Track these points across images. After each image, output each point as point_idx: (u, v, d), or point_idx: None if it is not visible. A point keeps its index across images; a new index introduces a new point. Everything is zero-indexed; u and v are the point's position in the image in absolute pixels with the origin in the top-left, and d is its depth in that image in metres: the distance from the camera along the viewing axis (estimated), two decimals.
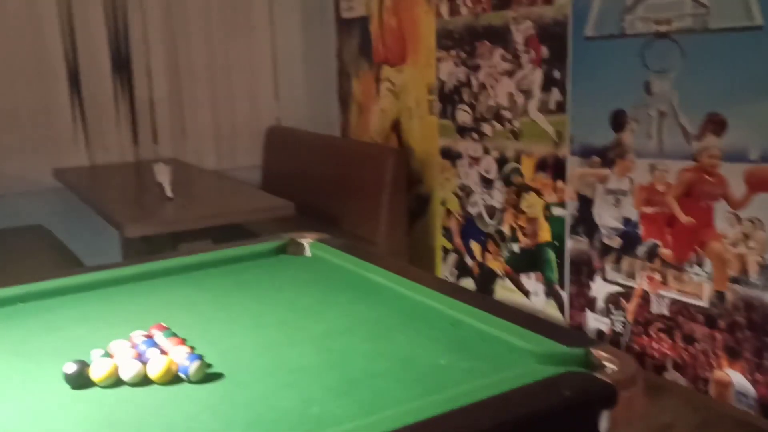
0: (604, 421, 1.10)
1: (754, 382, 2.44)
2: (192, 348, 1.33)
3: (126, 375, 1.22)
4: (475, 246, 3.65)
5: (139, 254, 3.36)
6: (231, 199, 3.29)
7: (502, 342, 1.35)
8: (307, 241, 2.02)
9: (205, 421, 1.10)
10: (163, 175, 3.09)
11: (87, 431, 1.08)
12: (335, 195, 3.80)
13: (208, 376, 1.24)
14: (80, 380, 1.21)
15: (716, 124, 2.42)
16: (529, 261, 3.34)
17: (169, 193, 3.03)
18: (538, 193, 3.22)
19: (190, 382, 1.22)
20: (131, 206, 3.11)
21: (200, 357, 1.25)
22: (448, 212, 3.80)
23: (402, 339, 1.40)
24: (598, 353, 1.21)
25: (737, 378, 2.50)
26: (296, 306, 1.60)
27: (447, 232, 3.83)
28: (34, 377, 1.26)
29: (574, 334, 1.32)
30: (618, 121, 2.78)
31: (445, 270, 3.86)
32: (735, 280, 2.45)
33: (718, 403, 2.56)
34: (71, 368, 1.22)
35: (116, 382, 1.22)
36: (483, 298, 1.60)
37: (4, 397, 1.20)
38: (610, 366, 1.17)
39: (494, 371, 1.23)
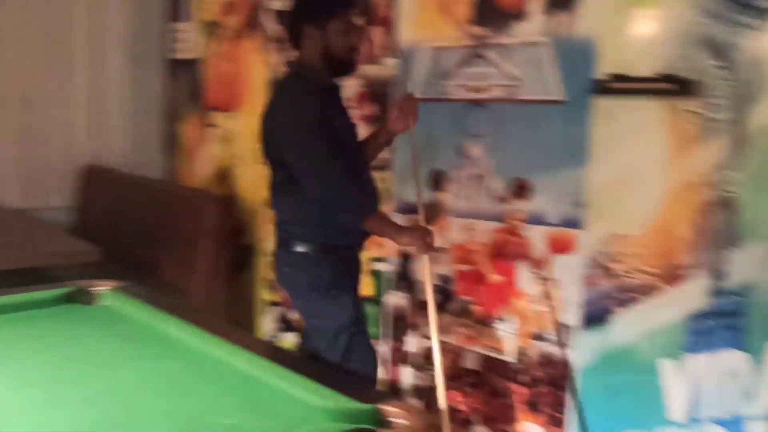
0: None
1: None
2: None
3: None
4: None
5: None
6: (30, 240, 3.00)
7: (296, 400, 1.29)
8: (100, 290, 1.85)
9: None
10: None
11: None
12: (152, 241, 3.59)
13: None
14: None
15: (522, 189, 2.57)
16: None
17: None
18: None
19: None
20: None
21: None
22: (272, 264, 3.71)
23: (190, 398, 1.30)
24: (388, 409, 1.18)
25: (536, 431, 2.60)
26: (75, 361, 1.45)
27: (271, 284, 3.74)
28: None
29: (369, 390, 1.30)
30: (437, 181, 2.87)
31: (266, 324, 3.75)
32: (536, 337, 2.58)
33: None
34: None
35: None
36: (283, 353, 1.54)
37: None
38: (400, 422, 1.15)
39: (283, 430, 1.16)
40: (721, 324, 2.11)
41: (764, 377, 2.01)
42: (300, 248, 2.27)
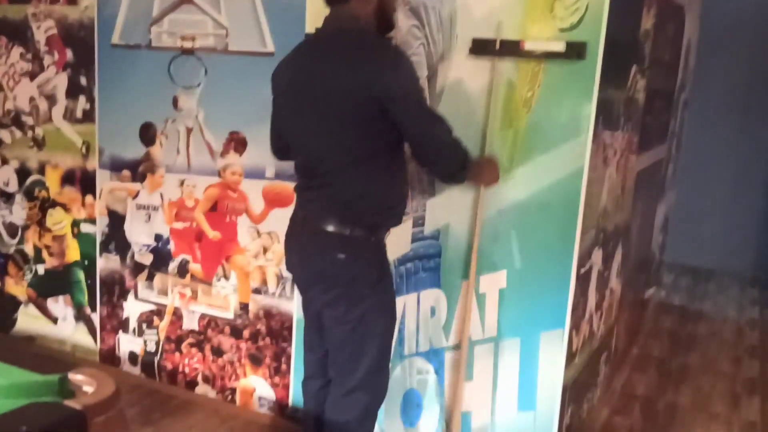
0: None
1: (273, 386, 2.61)
2: None
3: None
4: None
5: None
6: None
7: None
8: None
9: None
10: None
11: None
12: None
13: None
14: None
15: (238, 143, 2.53)
16: (56, 283, 3.03)
17: None
18: (66, 208, 2.95)
19: None
20: None
21: None
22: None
23: None
24: (75, 378, 1.08)
25: (260, 384, 2.63)
26: None
27: None
28: None
29: (55, 360, 1.18)
30: (147, 135, 2.71)
31: None
32: (257, 291, 2.58)
33: (244, 410, 2.67)
34: None
35: None
36: None
37: None
38: (87, 389, 1.06)
39: None
40: (423, 266, 2.30)
41: (456, 312, 2.25)
42: (356, 231, 1.86)
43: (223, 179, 2.57)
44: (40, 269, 3.07)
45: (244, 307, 2.62)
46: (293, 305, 2.51)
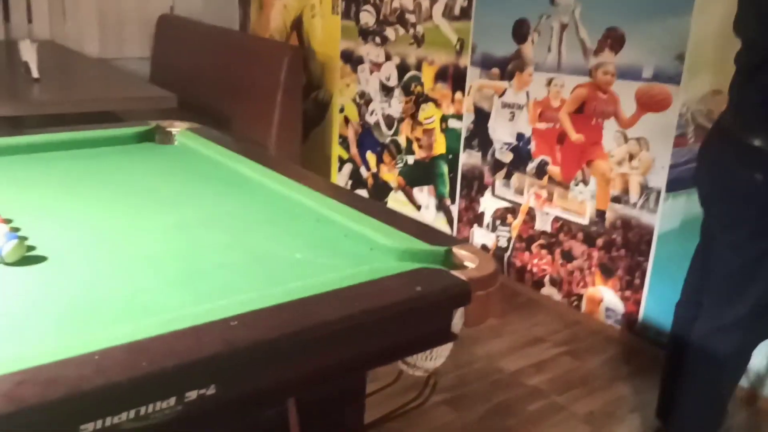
0: (457, 318, 1.05)
1: (623, 299, 2.51)
2: (12, 228, 1.17)
3: None
4: (370, 157, 3.56)
5: None
6: (108, 86, 3.02)
7: (365, 239, 1.27)
8: (176, 130, 1.85)
9: (13, 307, 0.96)
10: (28, 53, 2.78)
11: None
12: (227, 94, 3.57)
13: (27, 260, 1.10)
14: None
15: (614, 40, 2.38)
16: (422, 174, 3.29)
17: (35, 73, 2.74)
18: (436, 103, 3.14)
19: (3, 263, 1.08)
20: None
21: (19, 237, 1.10)
22: (347, 120, 3.67)
23: (260, 233, 1.30)
24: (459, 252, 1.14)
25: (609, 295, 2.56)
26: (151, 195, 1.46)
27: (344, 141, 3.72)
28: None
29: (438, 233, 1.26)
30: (520, 32, 2.69)
31: (339, 180, 3.76)
32: (616, 200, 2.47)
33: (589, 318, 2.64)
34: None
35: None
36: (353, 196, 1.51)
37: None
38: (468, 265, 1.11)
39: (350, 267, 1.14)
40: None
41: None
42: None
43: (594, 79, 2.46)
44: (410, 159, 3.35)
45: (601, 214, 2.54)
46: (656, 219, 2.35)
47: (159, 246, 1.20)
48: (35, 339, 0.88)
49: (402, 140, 3.36)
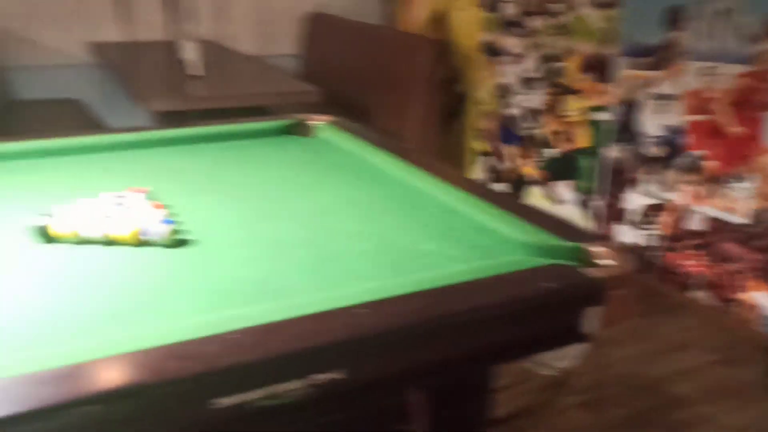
0: (589, 318, 1.01)
1: None
2: (167, 213, 1.27)
3: (91, 233, 1.17)
4: (509, 150, 3.50)
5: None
6: (260, 82, 3.19)
7: (495, 233, 1.25)
8: (315, 123, 1.92)
9: (159, 285, 1.04)
10: (190, 52, 2.99)
11: (39, 282, 1.04)
12: (371, 87, 3.65)
13: (176, 243, 1.19)
14: (44, 234, 1.17)
15: None
16: (563, 168, 3.19)
17: (196, 70, 2.94)
18: (581, 95, 3.02)
19: (157, 245, 1.17)
20: (158, 82, 3.04)
21: (172, 222, 1.19)
22: (485, 113, 3.63)
23: (391, 223, 1.32)
24: (595, 249, 1.10)
25: (766, 302, 2.36)
26: (289, 184, 1.53)
27: (482, 135, 3.68)
28: (4, 231, 1.22)
29: (574, 229, 1.21)
30: (674, 19, 2.53)
31: (476, 174, 3.73)
32: None
33: (743, 325, 2.44)
34: (36, 221, 1.18)
35: (80, 239, 1.17)
36: (485, 188, 1.49)
37: None
38: (604, 263, 1.07)
39: (478, 260, 1.13)
40: None
41: None
42: None
43: (757, 68, 2.26)
44: (551, 153, 3.25)
45: (762, 214, 2.33)
46: None
47: (293, 232, 1.26)
48: (178, 316, 0.95)
49: (544, 132, 3.28)
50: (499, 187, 3.57)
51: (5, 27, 3.70)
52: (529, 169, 3.40)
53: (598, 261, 1.08)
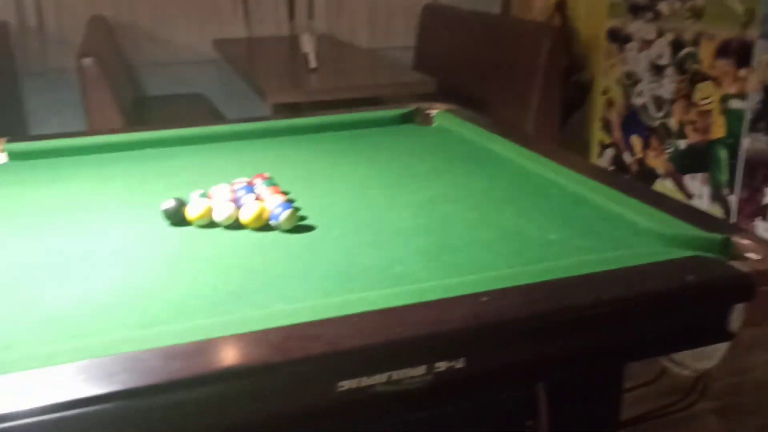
0: (735, 315, 0.92)
1: None
2: (288, 199, 1.28)
3: (219, 216, 1.20)
4: (636, 141, 3.33)
5: None
6: (375, 74, 3.20)
7: (626, 222, 1.18)
8: (434, 112, 1.89)
9: (283, 268, 1.05)
10: (308, 45, 3.05)
11: (169, 263, 1.08)
12: (486, 78, 3.58)
13: (298, 228, 1.19)
14: (177, 218, 1.21)
15: None
16: (696, 160, 2.99)
17: (312, 63, 3.00)
18: (716, 82, 2.82)
19: (280, 230, 1.18)
20: (278, 76, 3.12)
21: (293, 207, 1.21)
22: (610, 103, 3.47)
23: (513, 212, 1.27)
24: (740, 242, 1.01)
25: None
26: (408, 172, 1.51)
27: (606, 125, 3.52)
28: (141, 214, 1.28)
29: (714, 219, 1.12)
30: None
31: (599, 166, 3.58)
32: None
33: None
34: (168, 205, 1.22)
35: (210, 223, 1.21)
36: (614, 176, 1.41)
37: (112, 224, 1.23)
38: (752, 256, 0.97)
39: (608, 251, 1.07)
40: None
41: None
42: None
43: None
44: (682, 144, 3.06)
45: None
46: None
47: (412, 220, 1.24)
48: (300, 297, 0.95)
49: (673, 123, 3.09)
50: None
51: (137, 27, 3.92)
52: (658, 161, 3.21)
53: (745, 254, 0.99)
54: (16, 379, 0.72)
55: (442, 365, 0.81)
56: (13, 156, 1.57)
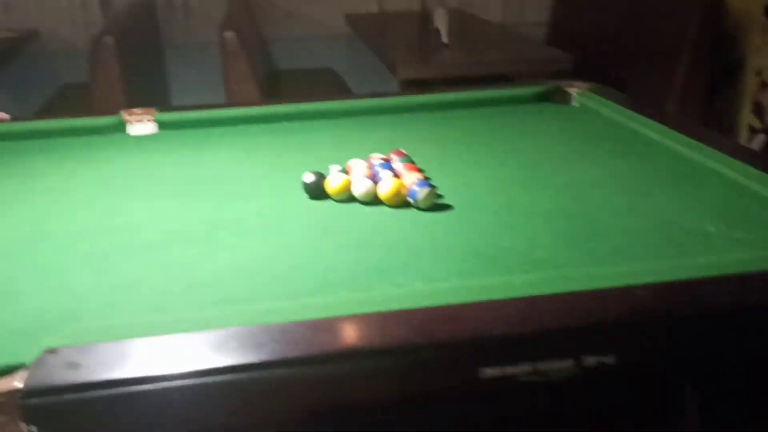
0: None
1: None
2: (425, 176, 1.27)
3: (357, 191, 1.20)
4: None
5: None
6: (507, 49, 3.11)
7: None
8: (574, 90, 1.81)
9: (421, 246, 1.04)
10: (440, 20, 3.01)
11: (310, 235, 1.09)
12: (625, 57, 3.39)
13: (435, 206, 1.18)
14: (316, 191, 1.23)
15: None
16: None
17: (444, 38, 2.95)
18: None
19: (418, 207, 1.17)
20: (408, 51, 3.10)
21: (431, 185, 1.19)
22: (763, 84, 3.19)
23: (664, 199, 1.19)
24: None
25: None
26: (547, 153, 1.45)
27: (758, 109, 3.25)
28: (282, 185, 1.30)
29: None
30: None
31: None
32: None
33: None
34: (309, 178, 1.24)
35: (348, 197, 1.21)
36: None
37: (254, 196, 1.26)
38: None
39: None
40: None
41: None
42: None
43: None
44: None
45: None
46: None
47: (553, 203, 1.19)
48: (440, 277, 0.93)
49: None
50: None
51: (275, 2, 4.02)
52: None
53: None
54: (167, 342, 0.75)
55: (590, 360, 0.77)
56: (164, 126, 1.65)
